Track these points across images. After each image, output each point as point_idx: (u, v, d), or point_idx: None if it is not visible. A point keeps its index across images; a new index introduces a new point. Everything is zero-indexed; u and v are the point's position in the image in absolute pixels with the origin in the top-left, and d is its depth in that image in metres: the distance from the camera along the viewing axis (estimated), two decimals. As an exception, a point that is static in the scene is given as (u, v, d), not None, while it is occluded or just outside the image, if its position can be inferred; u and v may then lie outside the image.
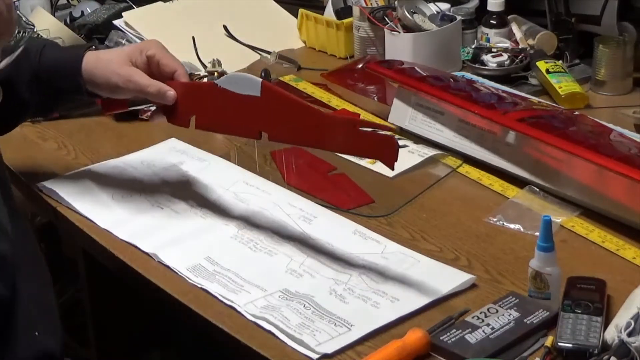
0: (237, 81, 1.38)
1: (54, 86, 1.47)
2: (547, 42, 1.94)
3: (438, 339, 1.15)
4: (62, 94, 1.49)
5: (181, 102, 1.43)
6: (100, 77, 1.45)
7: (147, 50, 1.46)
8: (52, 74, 1.47)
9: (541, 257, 1.19)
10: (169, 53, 1.48)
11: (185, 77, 1.45)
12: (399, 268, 1.31)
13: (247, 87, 1.36)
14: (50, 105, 1.54)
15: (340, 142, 1.31)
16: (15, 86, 1.45)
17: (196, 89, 1.48)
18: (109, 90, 1.46)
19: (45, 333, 1.26)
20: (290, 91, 1.92)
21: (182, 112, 1.44)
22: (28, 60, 1.47)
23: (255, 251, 1.37)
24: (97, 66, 1.45)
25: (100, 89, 1.46)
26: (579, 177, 1.43)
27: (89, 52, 1.48)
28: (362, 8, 1.99)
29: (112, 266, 1.44)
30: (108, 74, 1.44)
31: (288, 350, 1.17)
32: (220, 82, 1.39)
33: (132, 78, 1.43)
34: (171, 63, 1.45)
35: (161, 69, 1.45)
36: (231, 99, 1.38)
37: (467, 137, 1.59)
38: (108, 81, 1.44)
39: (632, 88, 1.85)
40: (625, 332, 1.09)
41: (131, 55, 1.46)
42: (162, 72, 1.45)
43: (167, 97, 1.42)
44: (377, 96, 1.86)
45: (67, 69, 1.46)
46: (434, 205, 1.49)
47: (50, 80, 1.47)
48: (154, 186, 1.55)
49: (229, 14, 2.19)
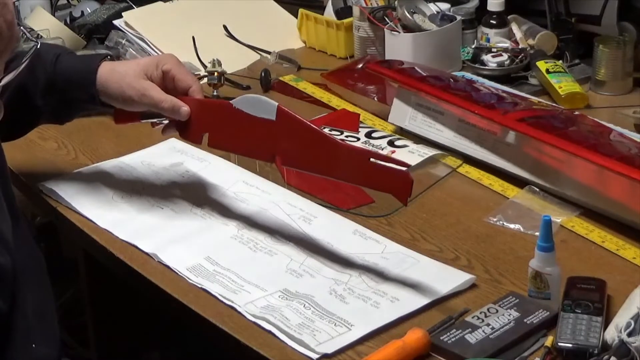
0: (253, 103, 1.38)
1: (68, 95, 1.47)
2: (547, 42, 1.94)
3: (438, 339, 1.15)
4: (76, 103, 1.49)
5: (195, 118, 1.43)
6: (114, 89, 1.45)
7: (163, 64, 1.46)
8: (67, 83, 1.47)
9: (541, 257, 1.19)
10: (185, 68, 1.49)
11: (200, 93, 1.45)
12: (399, 268, 1.31)
13: (262, 110, 1.37)
14: (63, 113, 1.53)
15: (354, 172, 1.30)
16: (29, 92, 1.46)
17: (211, 107, 1.47)
18: (123, 103, 1.46)
19: (42, 343, 1.26)
20: (290, 91, 1.93)
21: (195, 128, 1.44)
22: (43, 67, 1.47)
23: (255, 251, 1.38)
24: (112, 78, 1.45)
25: (113, 100, 1.46)
26: (579, 177, 1.43)
27: (105, 62, 1.47)
28: (362, 8, 1.99)
29: (112, 266, 1.44)
30: (123, 87, 1.44)
31: (288, 350, 1.17)
32: (235, 102, 1.40)
33: (147, 92, 1.43)
34: (187, 79, 1.45)
35: (176, 84, 1.45)
36: (246, 120, 1.38)
37: (467, 137, 1.59)
38: (122, 94, 1.44)
39: (632, 88, 1.85)
40: (625, 332, 1.09)
41: (147, 69, 1.45)
42: (177, 87, 1.45)
43: (181, 113, 1.43)
44: (377, 96, 1.86)
45: (81, 79, 1.46)
46: (434, 205, 1.49)
47: (64, 88, 1.47)
48: (154, 186, 1.55)
49: (229, 14, 2.19)
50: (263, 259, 1.36)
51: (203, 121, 1.44)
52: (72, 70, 1.48)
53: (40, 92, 1.47)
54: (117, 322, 1.76)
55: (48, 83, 1.47)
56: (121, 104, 1.46)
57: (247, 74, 2.02)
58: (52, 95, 1.48)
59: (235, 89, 1.94)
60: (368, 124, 1.75)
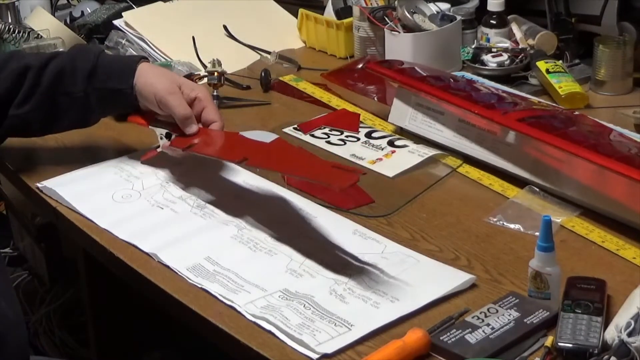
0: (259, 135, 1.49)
1: (108, 83, 1.54)
2: (547, 42, 1.94)
3: (438, 339, 1.15)
4: (113, 94, 1.54)
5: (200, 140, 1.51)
6: (149, 81, 1.52)
7: (199, 92, 1.53)
8: (108, 72, 1.54)
9: (541, 257, 1.19)
10: (215, 106, 1.57)
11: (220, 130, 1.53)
12: (399, 268, 1.31)
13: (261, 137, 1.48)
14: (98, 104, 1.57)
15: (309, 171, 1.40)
16: (67, 79, 1.54)
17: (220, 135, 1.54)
18: (146, 95, 1.52)
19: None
20: (290, 91, 1.93)
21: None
22: (87, 57, 1.55)
23: (255, 251, 1.38)
24: (151, 72, 1.54)
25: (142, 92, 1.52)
26: (579, 177, 1.43)
27: (145, 62, 1.57)
28: (362, 8, 1.99)
29: (112, 266, 1.44)
30: (157, 78, 1.52)
31: (288, 350, 1.17)
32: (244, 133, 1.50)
33: (174, 95, 1.50)
34: (214, 114, 1.53)
35: (203, 114, 1.53)
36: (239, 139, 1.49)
37: (467, 137, 1.59)
38: (154, 86, 1.51)
39: (632, 88, 1.85)
40: (625, 332, 1.09)
41: (183, 83, 1.54)
42: (202, 118, 1.53)
43: (190, 127, 1.51)
44: (377, 96, 1.86)
45: (122, 70, 1.54)
46: (434, 205, 1.49)
47: (105, 76, 1.54)
48: (154, 186, 1.55)
49: (229, 14, 2.19)
50: (263, 259, 1.36)
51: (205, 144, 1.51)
52: (114, 62, 1.57)
53: (80, 79, 1.54)
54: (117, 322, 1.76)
55: (90, 71, 1.54)
56: (143, 97, 1.52)
57: (247, 74, 2.02)
58: (92, 83, 1.54)
59: (235, 89, 1.94)
60: (368, 124, 1.75)
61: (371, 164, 1.61)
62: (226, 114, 1.84)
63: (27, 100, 1.54)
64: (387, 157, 1.62)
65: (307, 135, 1.72)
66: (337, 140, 1.69)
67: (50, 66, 1.55)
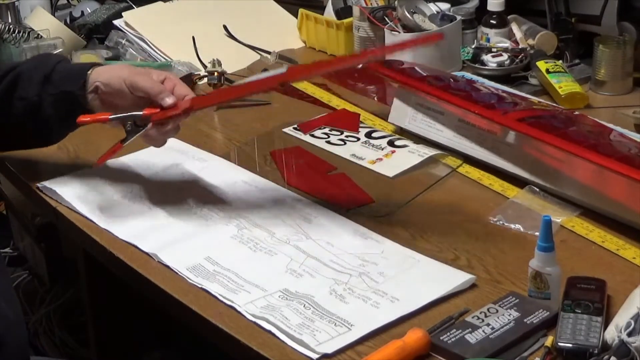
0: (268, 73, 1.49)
1: (61, 86, 1.51)
2: (547, 42, 1.94)
3: (438, 339, 1.15)
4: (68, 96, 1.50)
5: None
6: (108, 75, 1.48)
7: (166, 74, 1.50)
8: (63, 77, 1.51)
9: (541, 257, 1.19)
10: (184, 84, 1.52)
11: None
12: (398, 268, 1.31)
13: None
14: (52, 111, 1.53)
15: None
16: (24, 84, 1.51)
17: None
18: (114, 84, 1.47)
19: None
20: (290, 91, 1.93)
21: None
22: (46, 63, 1.54)
23: (255, 251, 1.37)
24: (110, 66, 1.52)
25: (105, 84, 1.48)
26: (579, 177, 1.43)
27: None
28: (362, 8, 1.99)
29: (112, 266, 1.44)
30: (118, 69, 1.50)
31: (288, 350, 1.17)
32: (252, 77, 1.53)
33: (143, 74, 1.47)
34: (185, 89, 1.47)
35: (175, 93, 1.46)
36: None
37: (467, 137, 1.59)
38: (118, 73, 1.48)
39: (632, 88, 1.85)
40: (625, 332, 1.09)
41: (147, 70, 1.51)
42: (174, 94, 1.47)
43: (167, 99, 1.44)
44: (377, 96, 1.86)
45: (76, 74, 1.51)
46: (434, 205, 1.49)
47: (60, 81, 1.51)
48: (154, 186, 1.55)
49: (229, 14, 2.19)
50: (263, 259, 1.36)
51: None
52: (70, 68, 1.54)
53: (35, 84, 1.51)
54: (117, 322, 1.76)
55: (46, 76, 1.51)
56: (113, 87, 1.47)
57: (247, 74, 2.02)
58: (46, 88, 1.51)
59: (235, 89, 1.94)
60: (368, 124, 1.75)
61: (371, 164, 1.61)
62: (226, 114, 1.84)
63: None
64: (387, 157, 1.62)
65: (307, 135, 1.72)
66: (337, 140, 1.69)
67: (10, 74, 1.54)
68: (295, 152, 1.66)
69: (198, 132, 1.76)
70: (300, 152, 1.65)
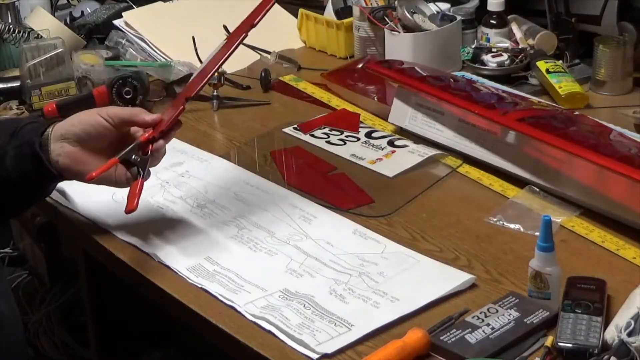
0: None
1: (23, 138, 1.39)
2: (547, 42, 1.94)
3: (438, 339, 1.15)
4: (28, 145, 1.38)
5: None
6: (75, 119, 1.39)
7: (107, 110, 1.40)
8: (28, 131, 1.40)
9: (541, 257, 1.19)
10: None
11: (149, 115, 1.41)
12: (399, 268, 1.31)
13: None
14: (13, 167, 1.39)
15: None
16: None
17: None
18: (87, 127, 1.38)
19: None
20: (290, 91, 1.93)
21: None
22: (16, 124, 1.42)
23: (255, 251, 1.38)
24: (69, 118, 1.40)
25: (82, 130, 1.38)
26: (579, 177, 1.43)
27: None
28: (362, 8, 1.99)
29: (112, 266, 1.44)
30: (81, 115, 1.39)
31: (288, 350, 1.17)
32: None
33: (112, 109, 1.39)
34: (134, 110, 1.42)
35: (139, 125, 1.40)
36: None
37: (467, 137, 1.59)
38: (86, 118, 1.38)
39: (632, 88, 1.85)
40: (625, 332, 1.09)
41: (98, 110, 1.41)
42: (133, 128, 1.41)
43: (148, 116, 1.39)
44: (377, 96, 1.86)
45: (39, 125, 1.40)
46: (434, 205, 1.49)
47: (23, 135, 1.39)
48: (154, 186, 1.55)
49: (229, 14, 2.18)
50: (263, 259, 1.36)
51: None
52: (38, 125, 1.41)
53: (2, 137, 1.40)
54: (117, 322, 1.76)
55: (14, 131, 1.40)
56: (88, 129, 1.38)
57: (247, 74, 2.02)
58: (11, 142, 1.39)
59: (235, 89, 1.94)
60: (368, 124, 1.75)
61: (371, 164, 1.61)
62: (226, 114, 1.85)
63: None
64: (387, 157, 1.62)
65: (307, 135, 1.72)
66: (337, 140, 1.69)
67: None
68: (295, 152, 1.66)
69: (198, 132, 1.76)
70: (300, 152, 1.65)
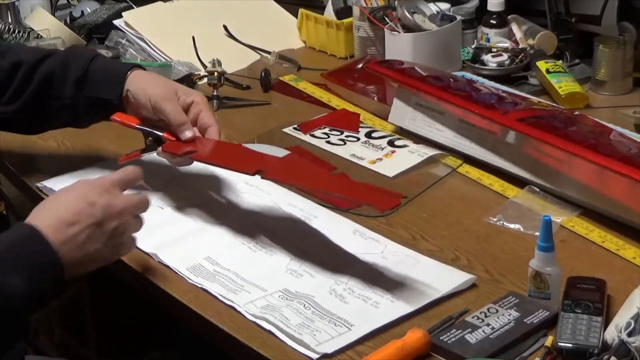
0: (265, 148, 1.46)
1: (95, 92, 1.50)
2: (547, 42, 1.94)
3: (438, 339, 1.15)
4: (101, 102, 1.50)
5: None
6: (140, 82, 1.48)
7: (195, 97, 1.48)
8: (98, 78, 1.50)
9: (541, 257, 1.19)
10: (211, 110, 1.52)
11: (216, 135, 1.46)
12: (398, 268, 1.31)
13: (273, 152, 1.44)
14: (85, 110, 1.53)
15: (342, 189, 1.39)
16: (58, 82, 1.51)
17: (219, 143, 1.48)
18: (141, 100, 1.47)
19: None
20: (290, 91, 1.93)
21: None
22: (78, 62, 1.52)
23: (255, 251, 1.38)
24: (146, 77, 1.50)
25: (133, 95, 1.47)
26: (579, 177, 1.43)
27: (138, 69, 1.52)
28: (362, 8, 1.99)
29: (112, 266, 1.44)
30: (152, 82, 1.48)
31: (288, 350, 1.17)
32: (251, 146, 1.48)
33: (171, 100, 1.45)
34: (210, 119, 1.47)
35: (199, 119, 1.47)
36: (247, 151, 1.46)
37: (467, 137, 1.59)
38: (148, 90, 1.46)
39: (632, 88, 1.85)
40: (625, 332, 1.09)
41: (178, 89, 1.49)
42: (198, 122, 1.47)
43: (185, 133, 1.44)
44: (377, 96, 1.86)
45: (112, 76, 1.50)
46: (434, 205, 1.49)
47: (94, 83, 1.50)
48: (154, 186, 1.55)
49: (229, 14, 2.19)
50: (263, 259, 1.36)
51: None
52: (106, 69, 1.52)
53: (70, 85, 1.50)
54: (117, 322, 1.76)
55: (80, 78, 1.50)
56: (140, 102, 1.47)
57: (247, 74, 2.02)
58: (81, 90, 1.51)
59: (235, 89, 1.94)
60: (368, 124, 1.75)
61: (371, 164, 1.61)
62: (226, 114, 1.84)
63: (15, 99, 1.52)
64: (387, 157, 1.62)
65: (307, 135, 1.72)
66: (337, 140, 1.69)
67: (43, 67, 1.52)
68: (296, 152, 1.66)
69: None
70: (300, 152, 1.65)
